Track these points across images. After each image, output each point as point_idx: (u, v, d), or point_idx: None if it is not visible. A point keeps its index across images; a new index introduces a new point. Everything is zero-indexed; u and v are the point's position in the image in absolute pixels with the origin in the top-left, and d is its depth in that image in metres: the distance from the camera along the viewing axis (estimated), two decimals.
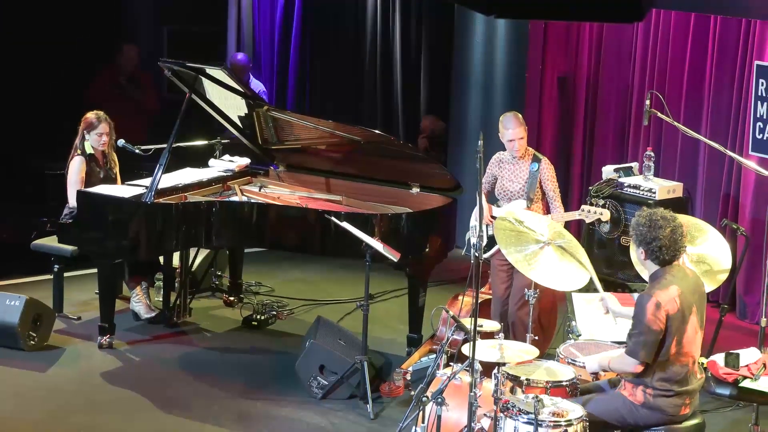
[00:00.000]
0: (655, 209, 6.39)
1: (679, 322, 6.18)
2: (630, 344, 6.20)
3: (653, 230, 6.23)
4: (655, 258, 6.27)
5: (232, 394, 7.98)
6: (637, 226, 6.31)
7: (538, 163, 8.06)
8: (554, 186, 8.09)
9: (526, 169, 8.07)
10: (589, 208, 7.88)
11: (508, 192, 8.12)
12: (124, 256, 8.65)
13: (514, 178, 8.10)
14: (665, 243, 6.21)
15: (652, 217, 6.28)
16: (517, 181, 8.09)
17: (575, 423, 6.11)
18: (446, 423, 6.49)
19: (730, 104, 9.61)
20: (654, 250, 6.23)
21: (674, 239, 6.24)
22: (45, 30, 11.59)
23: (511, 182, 8.11)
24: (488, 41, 10.95)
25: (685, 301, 6.19)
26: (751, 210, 9.41)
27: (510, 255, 7.23)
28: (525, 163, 8.08)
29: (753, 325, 9.18)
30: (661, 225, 6.23)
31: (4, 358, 8.38)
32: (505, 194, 8.14)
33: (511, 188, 8.10)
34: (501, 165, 8.18)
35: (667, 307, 6.14)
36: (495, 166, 8.21)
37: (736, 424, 7.65)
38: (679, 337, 6.19)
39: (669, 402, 6.24)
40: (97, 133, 8.94)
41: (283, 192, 9.09)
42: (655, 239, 6.21)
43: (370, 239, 7.79)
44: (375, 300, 9.59)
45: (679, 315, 6.17)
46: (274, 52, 12.57)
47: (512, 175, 8.11)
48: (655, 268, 6.29)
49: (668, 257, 6.25)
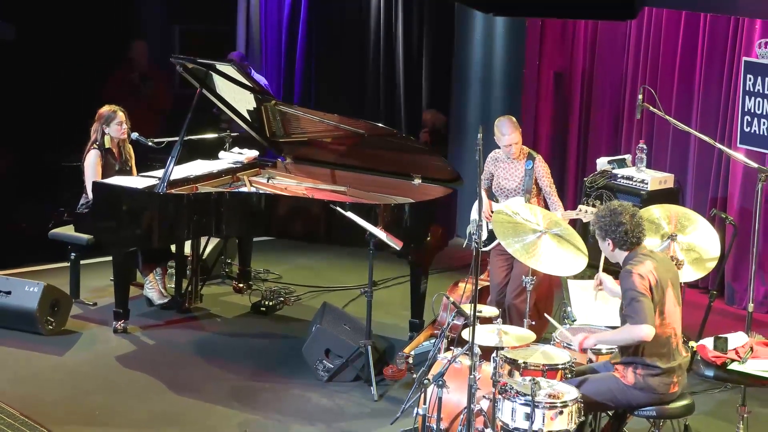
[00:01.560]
0: (611, 201, 6.49)
1: (660, 294, 6.23)
2: (630, 314, 6.18)
3: (615, 217, 6.31)
4: (623, 244, 6.31)
5: (242, 377, 8.01)
6: (598, 219, 6.38)
7: (533, 161, 8.07)
8: (549, 182, 8.09)
9: (521, 167, 8.08)
10: (586, 208, 7.85)
11: (505, 189, 8.13)
12: (138, 244, 8.67)
13: (509, 176, 8.11)
14: (629, 227, 6.29)
15: (610, 207, 6.39)
16: (512, 179, 8.10)
17: (570, 404, 6.14)
18: (447, 404, 6.52)
19: (719, 99, 9.62)
20: (620, 236, 6.29)
21: (636, 222, 6.32)
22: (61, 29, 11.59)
23: (507, 180, 8.12)
24: (487, 38, 10.96)
25: (660, 275, 6.25)
26: (739, 200, 9.43)
27: (509, 246, 7.25)
28: (520, 161, 8.09)
29: (740, 310, 9.20)
30: (620, 212, 6.33)
31: (23, 342, 8.41)
32: (502, 191, 8.15)
33: (507, 186, 8.11)
34: (497, 163, 8.18)
35: (648, 276, 6.19)
36: (491, 165, 8.22)
37: (723, 405, 7.67)
38: (661, 307, 6.24)
39: (658, 381, 6.27)
40: (117, 123, 8.96)
41: (290, 183, 9.10)
42: (620, 225, 6.28)
43: (373, 228, 7.81)
44: (378, 287, 9.61)
45: (658, 286, 6.22)
46: (282, 49, 12.58)
47: (508, 173, 8.13)
48: (624, 254, 6.35)
49: (634, 240, 6.31)
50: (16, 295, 8.55)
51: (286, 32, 12.52)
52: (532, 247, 7.20)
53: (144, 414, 7.46)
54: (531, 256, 7.18)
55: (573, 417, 6.15)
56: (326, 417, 7.46)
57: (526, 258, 7.18)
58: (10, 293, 8.58)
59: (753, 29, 9.27)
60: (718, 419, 7.48)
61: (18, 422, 7.20)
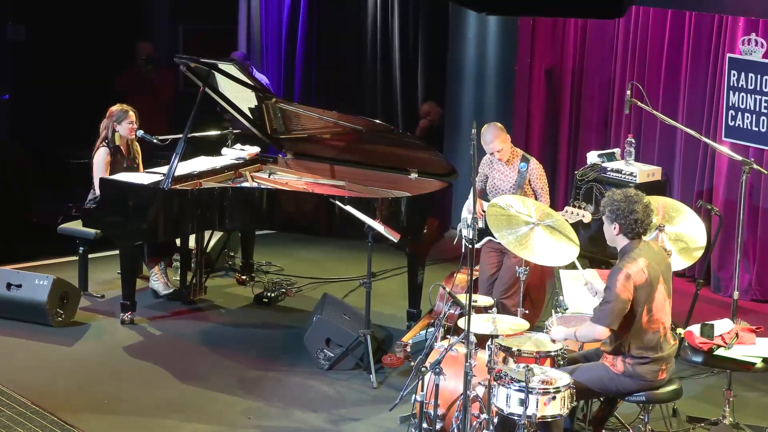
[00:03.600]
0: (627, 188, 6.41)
1: (648, 291, 6.20)
2: (597, 313, 6.19)
3: (630, 204, 6.23)
4: (629, 232, 6.25)
5: (245, 366, 8.00)
6: (612, 202, 6.28)
7: (527, 163, 8.01)
8: (543, 184, 8.01)
9: (515, 169, 8.03)
10: (571, 210, 7.75)
11: (499, 190, 8.04)
12: (144, 238, 8.65)
13: (503, 177, 8.05)
14: (640, 216, 6.22)
15: (626, 193, 6.29)
16: (507, 180, 8.02)
17: (563, 390, 6.13)
18: (444, 391, 6.52)
19: (704, 94, 9.61)
20: (630, 223, 6.22)
21: (647, 213, 6.26)
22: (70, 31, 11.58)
23: (501, 181, 8.05)
24: (480, 37, 10.94)
25: (652, 271, 6.22)
26: (724, 191, 9.42)
27: (503, 238, 7.21)
28: (514, 163, 8.03)
29: (726, 298, 9.20)
30: (636, 200, 6.25)
31: (33, 333, 8.40)
32: (497, 192, 8.06)
33: (501, 187, 8.04)
34: (492, 165, 8.11)
35: (636, 278, 6.16)
36: (486, 166, 8.14)
37: (710, 390, 7.67)
38: (649, 305, 6.22)
39: (647, 369, 6.26)
40: (128, 122, 8.95)
41: (291, 178, 9.09)
42: (633, 212, 6.21)
43: (371, 221, 7.80)
44: (377, 278, 9.60)
45: (647, 284, 6.19)
46: (282, 48, 12.56)
47: (502, 175, 8.06)
48: (625, 242, 6.29)
49: (641, 230, 6.25)
50: (26, 288, 8.54)
51: (286, 32, 12.50)
52: (525, 239, 7.18)
53: (151, 402, 7.45)
54: (524, 247, 7.16)
55: (565, 402, 6.14)
56: (327, 404, 7.45)
57: (520, 249, 7.16)
58: (20, 286, 8.56)
59: (737, 27, 9.26)
60: (705, 403, 7.47)
61: (29, 411, 7.19)
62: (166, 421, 7.23)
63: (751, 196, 9.13)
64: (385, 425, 7.18)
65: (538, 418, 6.10)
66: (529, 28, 10.70)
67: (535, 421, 6.11)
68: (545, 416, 6.11)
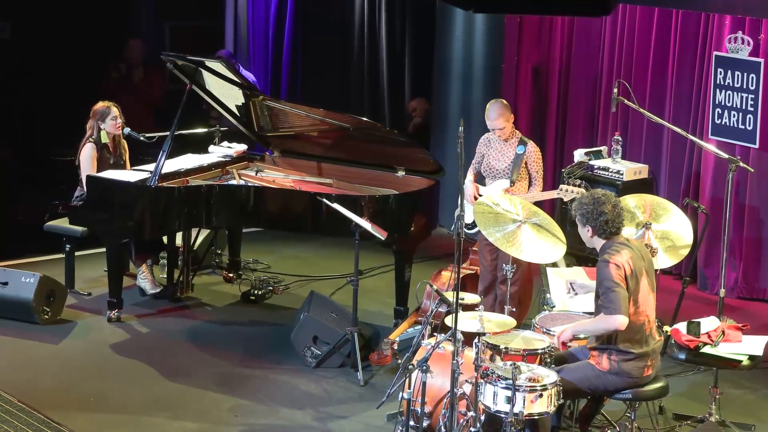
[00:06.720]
0: (595, 190, 6.46)
1: (634, 283, 6.23)
2: (605, 304, 6.18)
3: (598, 206, 6.28)
4: (602, 232, 6.30)
5: (232, 363, 8.00)
6: (581, 206, 6.34)
7: (525, 146, 8.04)
8: (538, 168, 8.06)
9: (512, 150, 8.05)
10: (567, 188, 7.83)
11: (494, 170, 8.09)
12: (131, 235, 8.64)
13: (500, 157, 8.09)
14: (610, 217, 6.27)
15: (594, 195, 6.35)
16: (502, 160, 8.07)
17: (550, 387, 6.14)
18: (431, 389, 6.53)
19: (690, 92, 9.63)
20: (601, 224, 6.27)
21: (617, 213, 6.30)
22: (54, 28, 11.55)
23: (497, 161, 8.09)
24: (467, 34, 10.94)
25: (635, 264, 6.25)
26: (711, 190, 9.45)
27: (490, 236, 7.25)
28: (512, 144, 8.06)
29: (712, 295, 9.23)
30: (603, 201, 6.30)
31: (20, 331, 8.39)
32: (491, 172, 8.12)
33: (496, 166, 8.09)
34: (489, 144, 8.15)
35: (624, 266, 6.19)
36: (483, 146, 8.18)
37: (697, 387, 7.69)
38: (635, 296, 6.24)
39: (632, 365, 6.28)
40: (112, 118, 8.93)
41: (278, 176, 9.09)
42: (601, 214, 6.26)
43: (359, 219, 7.80)
44: (364, 275, 9.60)
45: (633, 276, 6.22)
46: (269, 45, 12.53)
47: (499, 154, 8.10)
48: (601, 242, 6.34)
49: (614, 230, 6.30)
50: (12, 286, 8.52)
51: (272, 29, 12.48)
52: (513, 237, 7.19)
53: (137, 399, 7.44)
54: (511, 245, 7.18)
55: (552, 400, 6.15)
56: (314, 402, 7.45)
57: (507, 247, 7.18)
58: (7, 284, 8.55)
59: (723, 25, 9.28)
60: (692, 400, 7.49)
61: (15, 408, 7.18)
62: (152, 418, 7.22)
63: (737, 194, 9.16)
64: (372, 423, 7.19)
65: (525, 416, 6.12)
66: (516, 26, 10.70)
67: (522, 418, 6.12)
68: (532, 414, 6.13)
